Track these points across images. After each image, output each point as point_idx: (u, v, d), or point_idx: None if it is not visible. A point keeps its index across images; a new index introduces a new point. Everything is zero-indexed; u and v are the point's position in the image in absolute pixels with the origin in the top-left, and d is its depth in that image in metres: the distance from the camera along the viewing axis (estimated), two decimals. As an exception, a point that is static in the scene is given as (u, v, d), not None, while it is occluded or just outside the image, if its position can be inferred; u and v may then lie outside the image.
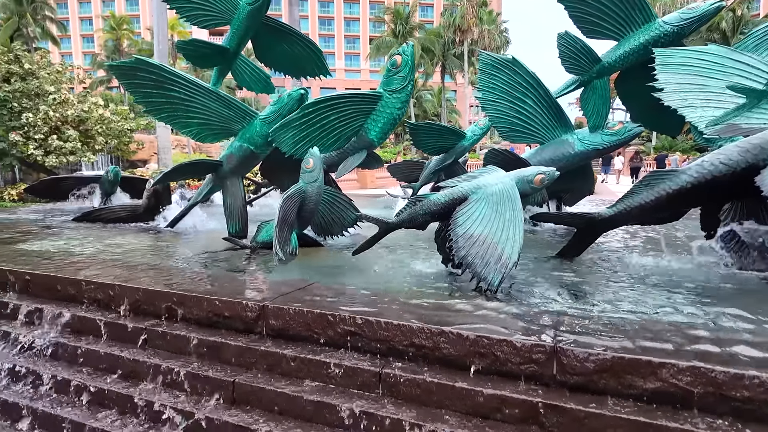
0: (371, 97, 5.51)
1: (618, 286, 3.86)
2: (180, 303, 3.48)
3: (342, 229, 5.71)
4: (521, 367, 2.52)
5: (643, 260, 4.76)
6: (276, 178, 6.68)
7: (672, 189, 4.12)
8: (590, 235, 4.74)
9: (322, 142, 5.34)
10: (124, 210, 7.43)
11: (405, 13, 49.34)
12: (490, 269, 3.44)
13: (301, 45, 6.51)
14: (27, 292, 4.12)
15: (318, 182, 4.95)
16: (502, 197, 3.81)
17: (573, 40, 6.12)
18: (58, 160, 16.31)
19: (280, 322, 3.15)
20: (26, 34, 42.41)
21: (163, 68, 5.28)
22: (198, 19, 6.00)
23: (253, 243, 5.29)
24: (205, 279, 3.94)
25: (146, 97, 5.42)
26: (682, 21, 5.51)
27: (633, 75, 6.15)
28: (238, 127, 5.59)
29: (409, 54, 5.43)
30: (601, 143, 6.30)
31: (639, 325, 2.75)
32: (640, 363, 2.28)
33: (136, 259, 4.89)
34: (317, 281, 3.80)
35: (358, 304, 3.17)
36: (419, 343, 2.76)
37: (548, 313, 3.01)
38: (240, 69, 6.66)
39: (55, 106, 16.66)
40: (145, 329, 3.45)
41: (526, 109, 6.42)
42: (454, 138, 7.27)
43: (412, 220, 4.32)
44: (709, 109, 4.44)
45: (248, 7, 5.84)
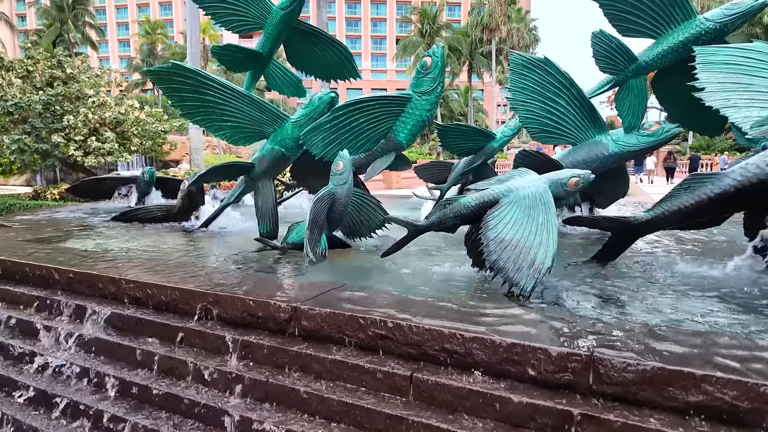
0: (400, 99, 5.51)
1: (655, 292, 3.74)
2: (215, 302, 3.56)
3: (370, 231, 5.74)
4: (556, 375, 2.47)
5: (682, 266, 4.60)
6: (305, 179, 6.78)
7: (714, 193, 3.97)
8: (626, 239, 4.61)
9: (351, 145, 5.38)
10: (160, 210, 7.67)
11: (432, 13, 49.13)
12: (522, 274, 3.40)
13: (331, 48, 6.58)
14: (71, 289, 4.30)
15: (347, 184, 4.99)
16: (535, 201, 3.75)
17: (608, 39, 5.96)
18: (96, 161, 16.98)
19: (312, 323, 3.19)
20: (67, 39, 44.29)
21: (198, 73, 5.42)
22: (232, 24, 6.14)
23: (284, 244, 5.38)
24: (238, 279, 4.02)
25: (182, 101, 5.58)
26: (725, 18, 5.29)
27: (671, 74, 5.95)
28: (270, 130, 5.70)
29: (439, 56, 5.40)
30: (637, 144, 6.11)
31: (678, 334, 2.66)
32: (682, 375, 2.21)
33: (171, 258, 5.04)
34: (347, 283, 3.83)
35: (389, 307, 3.18)
36: (451, 349, 2.75)
37: (583, 320, 2.95)
38: (272, 73, 6.79)
39: (94, 108, 17.33)
40: (181, 327, 3.56)
41: (558, 109, 6.30)
42: (482, 139, 7.20)
43: (441, 222, 4.31)
44: (755, 109, 4.25)
45: (281, 12, 5.95)
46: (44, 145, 16.56)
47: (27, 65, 17.56)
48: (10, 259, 4.75)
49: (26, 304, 4.39)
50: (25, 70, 17.45)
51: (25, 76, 17.43)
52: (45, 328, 4.03)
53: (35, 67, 17.62)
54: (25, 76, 17.43)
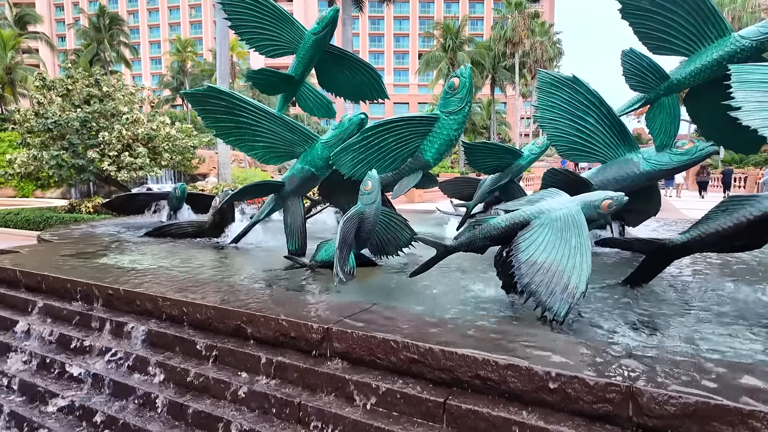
0: (428, 120, 5.56)
1: (693, 318, 3.64)
2: (249, 322, 3.63)
3: (397, 249, 5.77)
4: (594, 406, 2.43)
5: (722, 290, 4.46)
6: (333, 197, 6.88)
7: (753, 215, 3.85)
8: (660, 262, 4.51)
9: (379, 164, 5.44)
10: (192, 226, 7.87)
11: (455, 28, 49.46)
12: (555, 299, 3.35)
13: (361, 70, 6.74)
14: (111, 305, 4.45)
15: (376, 204, 5.04)
16: (567, 223, 3.71)
17: (638, 58, 5.90)
18: (128, 175, 17.57)
19: (344, 345, 3.22)
20: (103, 58, 46.28)
21: (233, 95, 5.60)
22: (266, 49, 6.35)
23: (312, 262, 5.45)
24: (270, 298, 4.08)
25: (216, 122, 5.76)
26: (762, 35, 5.17)
27: (704, 92, 5.84)
28: (300, 150, 5.83)
29: (467, 77, 5.45)
30: (669, 163, 5.99)
31: (721, 365, 2.57)
32: (727, 409, 2.14)
33: (204, 275, 5.16)
34: (377, 303, 3.85)
35: (419, 330, 3.18)
36: (485, 375, 2.73)
37: (620, 347, 2.89)
38: (304, 95, 6.98)
39: (128, 125, 17.98)
40: (215, 346, 3.64)
41: (587, 127, 6.24)
42: (509, 157, 7.18)
43: (470, 243, 4.30)
44: (796, 130, 4.13)
45: (313, 37, 6.14)
46: (80, 161, 17.25)
47: (67, 84, 18.41)
48: (52, 275, 4.96)
49: (67, 319, 4.56)
50: (65, 88, 18.28)
51: (65, 94, 18.26)
52: (85, 343, 4.18)
53: (74, 85, 18.45)
54: (65, 95, 18.26)
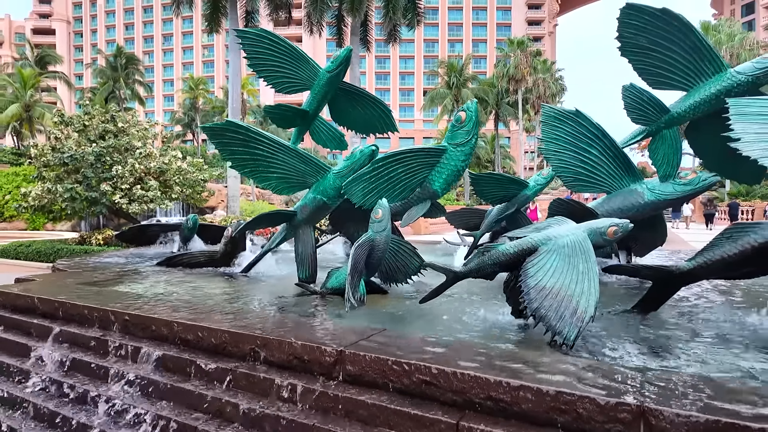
0: (436, 151, 5.76)
1: (701, 343, 3.66)
2: (263, 345, 3.70)
3: (406, 277, 5.84)
4: (605, 426, 2.46)
5: (728, 315, 4.48)
6: (343, 226, 7.02)
7: (758, 242, 3.93)
8: (668, 289, 4.56)
9: (389, 193, 5.60)
10: (204, 255, 8.01)
11: (458, 66, 50.90)
12: (565, 323, 3.41)
13: (372, 106, 7.06)
14: (126, 331, 4.53)
15: (386, 232, 5.16)
16: (575, 249, 3.81)
17: (639, 92, 6.14)
18: (140, 208, 17.91)
19: (357, 368, 3.27)
20: (118, 96, 47.86)
21: (249, 129, 5.86)
22: (283, 86, 6.70)
23: (323, 289, 5.53)
24: (282, 323, 4.16)
25: (232, 154, 6.00)
26: (757, 71, 5.40)
27: (704, 124, 6.02)
28: (312, 181, 6.02)
29: (473, 110, 5.68)
30: (673, 193, 6.11)
31: (729, 386, 2.61)
32: (737, 428, 2.17)
33: (217, 302, 5.25)
34: (388, 328, 3.91)
35: (430, 353, 3.23)
36: (497, 397, 2.77)
37: (630, 370, 2.93)
38: (317, 129, 7.28)
39: (141, 159, 18.46)
40: (230, 370, 3.69)
41: (591, 159, 6.41)
42: (515, 187, 7.33)
43: (479, 269, 4.38)
44: (794, 159, 4.26)
45: (327, 75, 6.47)
46: (93, 193, 17.64)
47: (84, 120, 19.06)
48: (70, 302, 5.06)
49: (84, 345, 4.64)
50: (82, 124, 18.91)
51: (82, 130, 18.87)
52: (102, 368, 4.24)
53: (91, 121, 19.09)
54: (81, 130, 18.87)
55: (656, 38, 5.72)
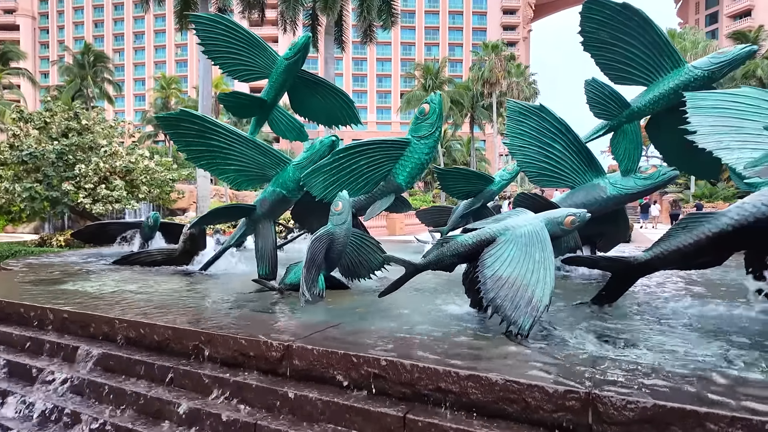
0: (400, 144, 5.65)
1: (656, 332, 3.64)
2: (207, 342, 3.50)
3: (369, 272, 5.71)
4: (554, 415, 2.37)
5: (683, 306, 4.50)
6: (306, 221, 6.83)
7: (712, 232, 3.94)
8: (626, 280, 4.55)
9: (351, 186, 5.46)
10: (162, 253, 7.70)
11: (435, 69, 51.20)
12: (520, 312, 3.33)
13: (333, 96, 6.86)
14: (65, 329, 4.26)
15: (346, 224, 5.02)
16: (532, 238, 3.74)
17: (601, 87, 6.17)
18: (104, 208, 17.27)
19: (304, 362, 3.12)
20: (86, 94, 46.29)
21: (205, 119, 5.63)
22: (239, 74, 6.46)
23: (282, 285, 5.34)
24: (232, 319, 3.98)
25: (188, 146, 5.76)
26: (712, 66, 5.49)
27: (663, 119, 6.10)
28: (272, 173, 5.82)
29: (437, 102, 5.59)
30: (634, 187, 6.16)
31: (680, 373, 2.57)
32: (683, 412, 2.11)
33: (169, 299, 5.00)
34: (343, 322, 3.77)
35: (384, 346, 3.12)
36: (446, 388, 2.66)
37: (582, 358, 2.87)
38: (276, 119, 7.04)
39: (106, 158, 17.83)
40: (172, 368, 3.48)
41: (555, 154, 6.41)
42: (481, 182, 7.29)
43: (439, 261, 4.28)
44: (747, 150, 4.31)
45: (285, 62, 6.27)
46: (54, 193, 16.93)
47: (45, 117, 18.29)
48: (5, 300, 4.74)
49: (19, 345, 4.33)
50: (42, 121, 18.15)
51: (42, 127, 18.11)
52: (36, 369, 3.95)
53: (52, 118, 18.34)
54: (42, 128, 18.11)
55: (617, 33, 5.76)
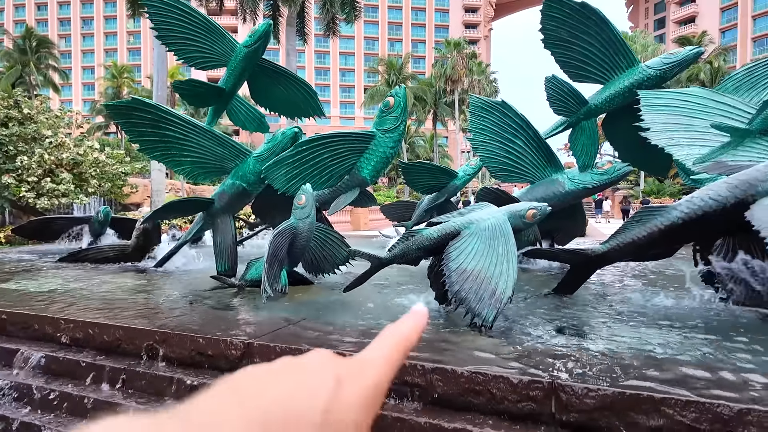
0: (364, 137, 5.57)
1: (614, 322, 3.76)
2: (162, 341, 3.33)
3: (333, 267, 5.62)
4: (518, 405, 2.39)
5: (640, 296, 4.69)
6: (268, 216, 6.64)
7: (663, 225, 4.12)
8: (585, 271, 4.68)
9: (314, 180, 5.34)
10: (113, 250, 7.30)
11: (398, 65, 51.29)
12: (484, 304, 3.36)
13: (296, 86, 6.66)
14: (3, 332, 3.94)
15: (310, 219, 4.91)
16: (495, 232, 3.78)
17: (560, 84, 6.31)
18: (50, 203, 16.26)
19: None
20: (28, 81, 43.41)
21: (159, 107, 5.35)
22: (196, 61, 6.16)
23: (242, 281, 5.17)
24: (189, 317, 3.80)
25: (141, 136, 5.45)
26: (664, 65, 5.72)
27: (619, 116, 6.31)
28: (231, 166, 5.61)
29: (401, 96, 5.55)
30: (591, 182, 6.36)
31: (638, 361, 2.65)
32: (642, 399, 2.17)
33: (120, 298, 4.74)
34: (306, 318, 3.69)
35: (348, 341, 3.06)
36: (412, 382, 2.63)
37: (545, 349, 2.91)
38: (235, 109, 6.77)
39: (51, 149, 16.78)
40: (123, 369, 3.29)
41: (515, 149, 6.52)
42: (445, 177, 7.33)
43: (404, 255, 4.26)
44: (696, 147, 4.53)
45: (245, 50, 6.02)
46: (-7, 186, 15.78)
47: (-20, 105, 16.99)
48: (-65, 301, 4.35)
49: (-51, 349, 3.98)
50: (-23, 110, 16.85)
51: (-22, 116, 16.81)
52: (-32, 375, 3.64)
53: (-10, 107, 17.05)
54: (-22, 116, 16.80)
55: (576, 31, 5.89)
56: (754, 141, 4.23)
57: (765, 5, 63.06)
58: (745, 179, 3.87)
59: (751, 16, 64.69)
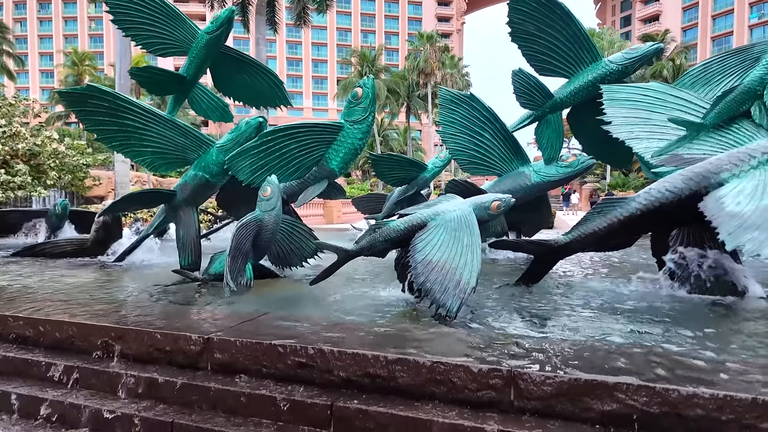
0: (332, 128, 5.51)
1: (575, 311, 3.86)
2: (118, 338, 3.21)
3: (301, 260, 5.56)
4: (478, 393, 2.42)
5: (600, 285, 4.83)
6: (233, 208, 6.50)
7: (623, 216, 4.23)
8: (548, 261, 4.78)
9: (281, 171, 5.25)
10: (71, 244, 7.01)
11: (371, 57, 50.99)
12: (448, 295, 3.38)
13: (261, 75, 6.50)
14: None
15: (276, 211, 4.82)
16: (460, 223, 3.81)
17: (527, 77, 6.39)
18: (4, 196, 15.50)
19: (226, 355, 2.95)
20: (-20, 67, 41.11)
21: (116, 95, 5.13)
22: (155, 47, 5.93)
23: (205, 275, 5.05)
24: (149, 312, 3.68)
25: (98, 125, 5.23)
26: (626, 60, 5.87)
27: (583, 110, 6.45)
28: (194, 156, 5.44)
29: (369, 86, 5.50)
30: (556, 175, 6.49)
31: (595, 347, 2.72)
32: (596, 384, 2.22)
33: (76, 293, 4.55)
34: (271, 312, 3.62)
35: (313, 335, 3.02)
36: (375, 373, 2.62)
37: (507, 338, 2.95)
38: (197, 97, 6.55)
39: (5, 139, 15.97)
40: (77, 368, 3.16)
41: (484, 142, 6.59)
42: (415, 169, 7.35)
43: (371, 247, 4.24)
44: (654, 140, 4.67)
45: (207, 36, 5.82)
46: (-59, 178, 14.93)
47: (-74, 92, 15.99)
48: None
49: None
50: (-77, 96, 15.86)
51: (-77, 103, 15.83)
52: None
53: (-64, 93, 16.08)
54: (-77, 104, 15.83)
55: (542, 25, 5.98)
56: (708, 135, 4.39)
57: (724, 5, 65.66)
58: (699, 172, 4.01)
59: (711, 16, 67.21)
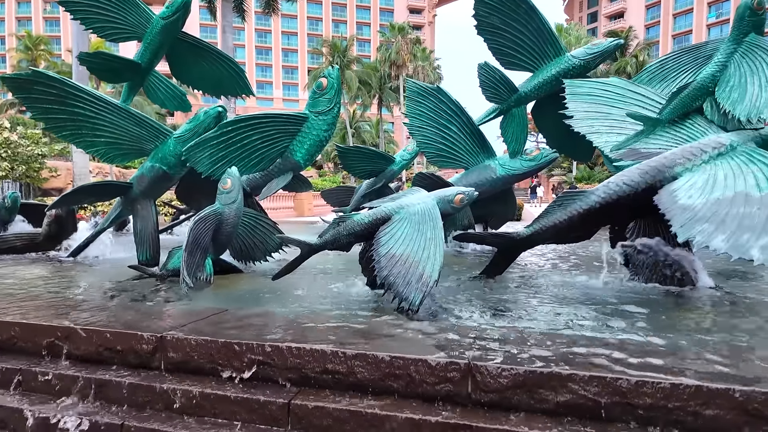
0: (296, 118, 5.40)
1: (535, 302, 3.92)
2: (65, 337, 3.06)
3: (265, 254, 5.45)
4: (437, 387, 2.41)
5: (560, 277, 4.93)
6: (194, 200, 6.29)
7: (582, 209, 4.31)
8: (511, 254, 4.84)
9: (243, 163, 5.11)
10: (20, 239, 6.65)
11: (342, 47, 50.39)
12: (411, 288, 3.36)
13: (221, 63, 6.28)
14: None
15: (236, 204, 4.69)
16: (424, 216, 3.79)
17: (492, 71, 6.43)
18: (-51, 187, 14.63)
19: (180, 354, 2.85)
20: None
21: (65, 82, 4.85)
22: (106, 32, 5.62)
23: (163, 271, 4.88)
24: (102, 311, 3.53)
25: (46, 113, 4.94)
26: (588, 55, 5.98)
27: (547, 104, 6.54)
28: (150, 147, 5.22)
29: (334, 77, 5.41)
30: (521, 168, 6.58)
31: (552, 339, 2.76)
32: (550, 376, 2.25)
33: (22, 291, 4.32)
34: (230, 309, 3.53)
35: (272, 331, 2.95)
36: (333, 369, 2.59)
37: (467, 331, 2.96)
38: (153, 85, 6.25)
39: (-50, 127, 15.03)
40: (19, 370, 2.99)
41: (451, 135, 6.60)
42: (383, 162, 7.31)
43: (335, 241, 4.19)
44: (613, 134, 4.77)
45: (162, 22, 5.55)
46: None
47: None
48: None
49: None
50: None
51: None
52: None
53: None
54: None
55: (507, 19, 6.00)
56: (664, 130, 4.52)
57: (684, 4, 68.07)
58: (654, 165, 4.13)
59: (672, 15, 69.59)
